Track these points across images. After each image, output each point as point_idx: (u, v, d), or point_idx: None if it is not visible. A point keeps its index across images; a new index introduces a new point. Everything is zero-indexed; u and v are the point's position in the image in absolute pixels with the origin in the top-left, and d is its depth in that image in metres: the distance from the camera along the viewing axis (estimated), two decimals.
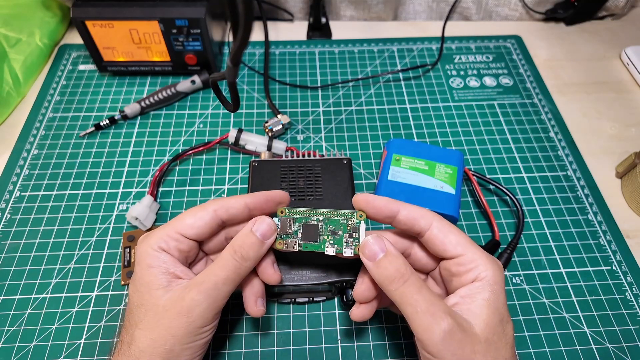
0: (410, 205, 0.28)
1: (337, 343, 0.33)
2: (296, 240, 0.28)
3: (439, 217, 0.27)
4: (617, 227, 0.40)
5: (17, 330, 0.33)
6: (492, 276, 0.25)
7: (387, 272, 0.26)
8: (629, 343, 0.34)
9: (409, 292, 0.25)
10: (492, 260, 0.26)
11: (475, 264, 0.26)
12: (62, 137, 0.45)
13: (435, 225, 0.27)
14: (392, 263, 0.26)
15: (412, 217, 0.27)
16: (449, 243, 0.26)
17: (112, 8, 0.44)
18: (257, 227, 0.27)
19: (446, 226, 0.27)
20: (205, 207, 0.28)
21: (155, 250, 0.27)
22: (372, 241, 0.27)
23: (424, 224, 0.27)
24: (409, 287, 0.25)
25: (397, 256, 0.26)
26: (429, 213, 0.28)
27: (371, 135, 0.46)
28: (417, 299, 0.24)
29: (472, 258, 0.26)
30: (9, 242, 0.38)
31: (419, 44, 0.56)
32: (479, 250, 0.26)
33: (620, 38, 0.57)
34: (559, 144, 0.46)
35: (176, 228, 0.27)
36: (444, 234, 0.27)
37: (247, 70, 0.52)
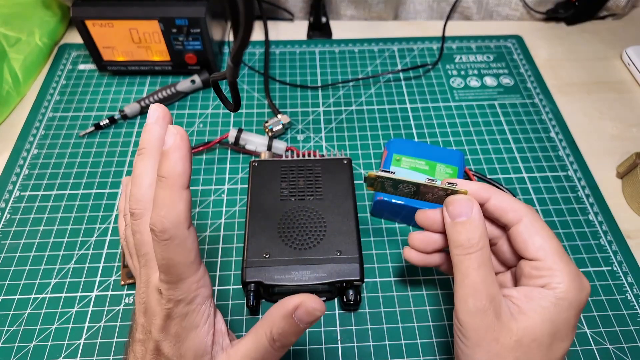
0: (504, 195, 0.27)
1: (337, 343, 0.33)
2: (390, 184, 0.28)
3: (533, 214, 0.26)
4: (617, 228, 0.40)
5: (17, 330, 0.33)
6: (564, 291, 0.24)
7: (459, 236, 0.25)
8: (630, 344, 0.34)
9: (467, 263, 0.25)
10: (576, 279, 0.24)
11: (551, 273, 0.24)
12: (61, 136, 0.45)
13: (524, 222, 0.26)
14: (469, 231, 0.25)
15: (501, 208, 0.26)
16: (531, 244, 0.25)
17: (112, 7, 0.44)
18: (300, 316, 0.23)
19: (536, 226, 0.26)
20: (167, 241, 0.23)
21: (201, 302, 0.24)
22: (463, 201, 0.26)
23: (512, 218, 0.26)
24: (470, 259, 0.25)
25: (477, 226, 0.25)
26: (524, 208, 0.26)
27: (371, 135, 0.46)
28: (470, 273, 0.24)
29: (550, 266, 0.24)
30: (9, 241, 0.38)
31: (420, 43, 0.56)
32: (562, 262, 0.25)
33: (621, 38, 0.57)
34: (559, 144, 0.46)
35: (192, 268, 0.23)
36: (529, 234, 0.25)
37: (247, 70, 0.52)
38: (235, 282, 0.36)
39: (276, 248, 0.33)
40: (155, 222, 0.22)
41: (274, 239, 0.34)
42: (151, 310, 0.24)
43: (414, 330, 0.34)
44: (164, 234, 0.22)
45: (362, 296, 0.35)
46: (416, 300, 0.35)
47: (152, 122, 0.25)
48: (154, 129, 0.25)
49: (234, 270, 0.37)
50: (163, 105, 0.25)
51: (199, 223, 0.39)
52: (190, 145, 0.23)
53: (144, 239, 0.24)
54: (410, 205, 0.37)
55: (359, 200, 0.41)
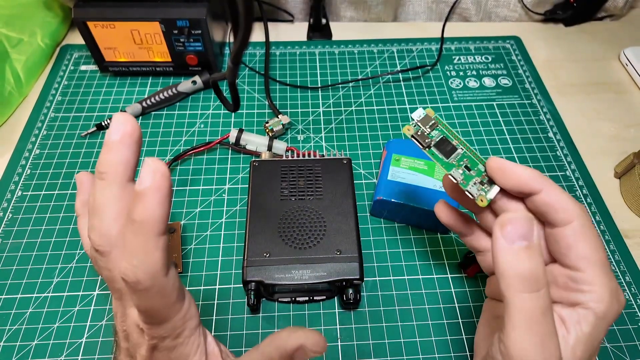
0: (557, 190, 0.23)
1: (337, 342, 0.34)
2: (428, 141, 0.26)
3: (585, 218, 0.23)
4: (615, 227, 0.40)
5: (19, 329, 0.34)
6: (604, 311, 0.21)
7: (519, 268, 0.20)
8: (628, 342, 0.34)
9: (530, 305, 0.20)
10: (614, 295, 0.22)
11: (591, 289, 0.21)
12: (63, 137, 0.46)
13: (573, 225, 0.22)
14: (532, 261, 0.20)
15: (551, 205, 0.22)
16: (575, 251, 0.22)
17: (113, 9, 0.44)
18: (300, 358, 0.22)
19: (586, 233, 0.22)
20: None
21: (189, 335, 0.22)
22: (523, 222, 0.20)
23: (561, 218, 0.22)
24: (533, 300, 0.20)
25: (539, 255, 0.20)
26: (577, 209, 0.22)
27: (371, 135, 0.47)
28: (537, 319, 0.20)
29: (590, 281, 0.21)
30: (11, 241, 0.38)
31: (419, 44, 0.56)
32: (606, 277, 0.22)
33: (619, 39, 0.57)
34: (557, 145, 0.46)
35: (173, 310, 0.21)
36: (576, 240, 0.22)
37: (248, 71, 0.52)
38: (235, 281, 0.36)
39: (276, 247, 0.34)
40: (127, 272, 0.19)
41: (274, 238, 0.34)
42: (134, 340, 0.22)
43: (413, 328, 0.34)
44: (138, 284, 0.19)
45: (362, 295, 0.36)
46: (415, 299, 0.36)
47: (115, 139, 0.20)
48: (119, 150, 0.20)
49: (235, 269, 0.37)
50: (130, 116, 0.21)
51: (200, 222, 0.40)
52: (171, 183, 0.19)
53: (114, 276, 0.21)
54: (410, 204, 0.37)
55: (358, 200, 0.41)
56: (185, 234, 0.39)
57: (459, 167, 0.26)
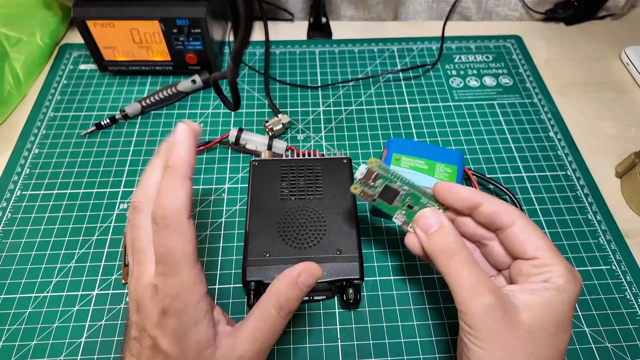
0: (495, 199, 0.27)
1: (337, 342, 0.33)
2: (372, 194, 0.29)
3: (524, 216, 0.27)
4: (616, 227, 0.40)
5: (18, 329, 0.34)
6: (564, 284, 0.24)
7: (437, 244, 0.26)
8: (629, 342, 0.34)
9: (455, 266, 0.25)
10: (571, 272, 0.25)
11: (550, 269, 0.25)
12: (63, 136, 0.46)
13: (518, 224, 0.26)
14: (444, 237, 0.26)
15: (495, 212, 0.27)
16: (529, 244, 0.26)
17: (112, 8, 0.44)
18: (303, 281, 0.26)
19: (530, 227, 0.26)
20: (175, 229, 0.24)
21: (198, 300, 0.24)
22: (428, 214, 0.27)
23: (506, 220, 0.26)
24: (456, 261, 0.25)
25: (449, 230, 0.26)
26: (513, 210, 0.27)
27: (371, 134, 0.46)
28: (462, 274, 0.25)
29: (549, 263, 0.25)
30: (10, 240, 0.38)
31: (419, 43, 0.56)
32: (559, 258, 0.25)
33: (620, 38, 0.57)
34: (558, 144, 0.46)
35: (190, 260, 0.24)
36: (525, 235, 0.26)
37: (248, 70, 0.52)
38: (235, 280, 0.36)
39: (276, 247, 0.33)
40: (156, 209, 0.23)
41: (274, 238, 0.34)
42: (144, 307, 0.24)
43: (413, 328, 0.34)
44: (165, 220, 0.23)
45: (362, 295, 0.35)
46: (415, 299, 0.36)
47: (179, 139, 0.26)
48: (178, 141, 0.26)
49: (235, 269, 0.37)
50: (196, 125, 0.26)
51: (200, 222, 0.40)
52: (196, 140, 0.25)
53: (140, 234, 0.25)
54: None
55: (358, 199, 0.41)
56: None
57: (402, 209, 0.29)
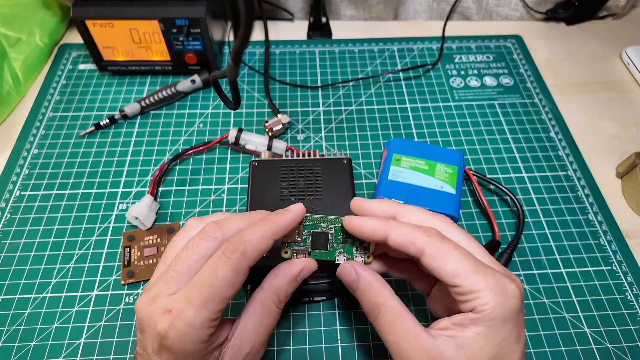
0: (402, 228, 0.25)
1: (337, 343, 0.33)
2: (305, 249, 0.27)
3: (434, 240, 0.24)
4: (617, 227, 0.40)
5: (17, 329, 0.33)
6: (492, 310, 0.22)
7: (362, 302, 0.26)
8: (629, 343, 0.34)
9: (380, 327, 0.25)
10: (498, 291, 0.23)
11: (474, 295, 0.23)
12: (62, 136, 0.45)
13: (426, 253, 0.24)
14: (363, 296, 0.26)
15: (401, 245, 0.24)
16: (444, 273, 0.23)
17: (112, 7, 0.44)
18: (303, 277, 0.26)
19: (442, 250, 0.24)
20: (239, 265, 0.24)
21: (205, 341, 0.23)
22: (344, 271, 0.26)
23: (414, 251, 0.24)
24: (381, 320, 0.25)
25: (368, 288, 0.25)
26: (423, 237, 0.24)
27: (371, 135, 0.46)
28: (387, 334, 0.24)
29: (471, 289, 0.23)
30: (9, 241, 0.38)
31: (420, 43, 0.56)
32: (483, 280, 0.23)
33: (620, 38, 0.57)
34: (559, 144, 0.46)
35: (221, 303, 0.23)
36: (438, 263, 0.23)
37: (247, 70, 0.52)
38: None
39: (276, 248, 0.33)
40: (233, 239, 0.24)
41: None
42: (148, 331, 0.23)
43: None
44: (235, 251, 0.23)
45: None
46: (416, 300, 0.35)
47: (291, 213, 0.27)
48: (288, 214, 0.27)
49: None
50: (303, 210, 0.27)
51: None
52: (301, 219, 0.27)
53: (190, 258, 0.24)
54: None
55: None
56: None
57: (339, 247, 0.27)
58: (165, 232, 0.38)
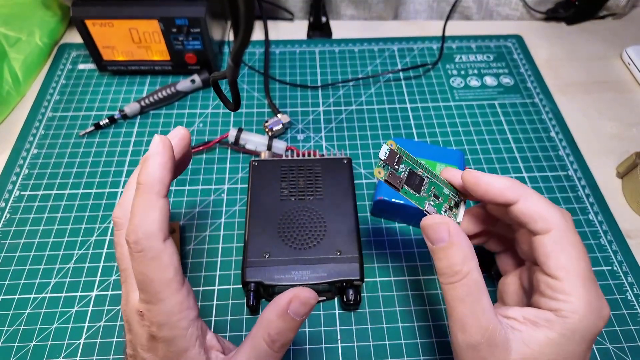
0: (536, 199, 0.23)
1: (337, 343, 0.33)
2: (400, 180, 0.26)
3: (566, 225, 0.23)
4: (618, 227, 0.40)
5: (17, 330, 0.33)
6: (577, 322, 0.21)
7: (440, 264, 0.24)
8: (630, 343, 0.34)
9: (452, 294, 0.23)
10: (594, 308, 0.21)
11: (566, 298, 0.21)
12: (61, 136, 0.45)
13: (551, 235, 0.22)
14: (448, 257, 0.23)
15: (528, 215, 0.23)
16: (554, 260, 0.22)
17: (111, 7, 0.44)
18: (295, 310, 0.23)
19: (565, 241, 0.22)
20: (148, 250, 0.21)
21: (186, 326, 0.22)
22: (437, 226, 0.24)
23: (539, 227, 0.23)
24: (455, 289, 0.23)
25: (457, 250, 0.23)
26: (556, 218, 0.23)
27: (371, 134, 0.46)
28: (457, 305, 0.23)
29: (568, 291, 0.21)
30: (8, 241, 0.38)
31: (420, 43, 0.56)
32: (584, 288, 0.21)
33: (621, 38, 0.57)
34: (559, 144, 0.46)
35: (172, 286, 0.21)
36: (554, 249, 0.22)
37: (247, 70, 0.52)
38: (235, 281, 0.36)
39: (276, 248, 0.33)
40: (128, 231, 0.21)
41: (274, 238, 0.34)
42: (134, 330, 0.23)
43: (414, 329, 0.34)
44: (137, 245, 0.21)
45: (362, 296, 0.35)
46: (416, 300, 0.35)
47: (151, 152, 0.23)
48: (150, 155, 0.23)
49: (234, 270, 0.37)
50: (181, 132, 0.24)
51: (199, 222, 0.39)
52: (172, 154, 0.22)
53: (123, 252, 0.23)
54: (410, 205, 0.37)
55: (359, 200, 0.41)
56: (184, 235, 0.39)
57: (429, 199, 0.27)
58: None
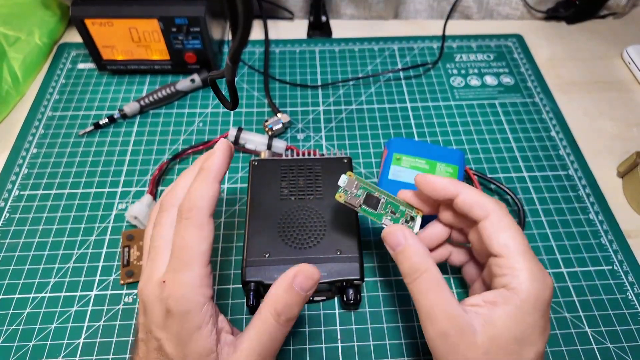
0: (473, 191, 0.27)
1: (337, 343, 0.33)
2: (358, 200, 0.30)
3: (501, 210, 0.26)
4: (618, 227, 0.40)
5: (16, 329, 0.33)
6: (526, 291, 0.23)
7: (401, 265, 0.27)
8: (630, 343, 0.34)
9: (416, 289, 0.26)
10: (537, 277, 0.24)
11: (513, 272, 0.24)
12: (61, 135, 0.45)
13: (490, 218, 0.26)
14: (407, 258, 0.26)
15: (469, 204, 0.26)
16: (496, 240, 0.25)
17: (111, 6, 0.44)
18: (300, 284, 0.25)
19: (503, 223, 0.25)
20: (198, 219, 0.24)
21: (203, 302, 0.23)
22: (395, 231, 0.27)
23: (479, 213, 0.26)
24: (418, 285, 0.25)
25: (412, 252, 0.26)
26: (492, 204, 0.26)
27: (372, 134, 0.46)
28: (421, 299, 0.25)
29: (512, 265, 0.24)
30: (8, 241, 0.38)
31: (420, 42, 0.56)
32: (525, 260, 0.24)
33: (621, 37, 0.57)
34: (560, 143, 0.46)
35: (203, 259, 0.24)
36: (495, 230, 0.25)
37: (247, 69, 0.52)
38: (235, 281, 0.36)
39: (276, 247, 0.33)
40: (184, 201, 0.25)
41: (274, 238, 0.34)
42: (150, 307, 0.24)
43: (414, 329, 0.34)
44: (189, 211, 0.24)
45: (362, 295, 0.35)
46: None
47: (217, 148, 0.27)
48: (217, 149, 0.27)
49: (234, 270, 0.37)
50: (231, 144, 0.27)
51: None
52: (230, 153, 0.27)
53: (161, 232, 0.25)
54: None
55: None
56: None
57: (386, 215, 0.31)
58: None
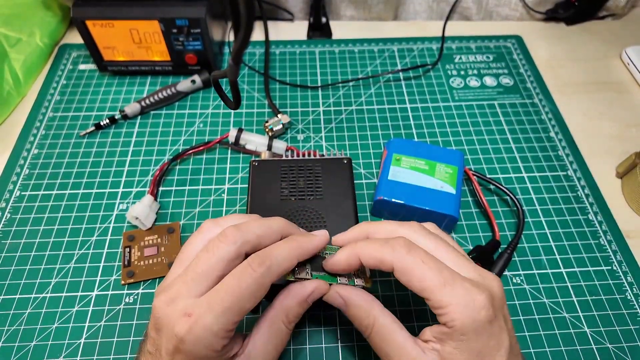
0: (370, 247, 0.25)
1: (337, 343, 0.33)
2: (307, 270, 0.27)
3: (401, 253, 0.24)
4: (617, 227, 0.40)
5: (17, 329, 0.33)
6: (460, 322, 0.22)
7: (354, 323, 0.27)
8: (629, 343, 0.34)
9: (373, 343, 0.26)
10: (465, 304, 0.23)
11: (443, 311, 0.23)
12: (62, 136, 0.45)
13: (396, 269, 0.24)
14: (353, 318, 0.26)
15: (372, 264, 0.25)
16: (413, 288, 0.24)
17: (112, 8, 0.44)
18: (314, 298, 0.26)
19: (409, 265, 0.24)
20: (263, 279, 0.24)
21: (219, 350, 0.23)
22: (330, 298, 0.27)
23: (386, 268, 0.25)
24: (373, 338, 0.26)
25: (355, 309, 0.26)
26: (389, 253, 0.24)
27: (371, 135, 0.46)
28: (378, 349, 0.26)
29: (439, 304, 0.23)
30: (9, 241, 0.38)
31: (419, 43, 0.56)
32: (448, 293, 0.23)
33: (620, 38, 0.57)
34: (559, 144, 0.46)
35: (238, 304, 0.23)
36: (407, 277, 0.24)
37: (248, 70, 0.52)
38: None
39: None
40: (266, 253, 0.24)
41: None
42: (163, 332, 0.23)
43: (414, 329, 0.34)
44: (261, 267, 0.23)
45: None
46: (416, 300, 0.35)
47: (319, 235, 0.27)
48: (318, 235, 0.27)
49: None
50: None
51: (199, 223, 0.39)
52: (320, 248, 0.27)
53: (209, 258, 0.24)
54: (410, 204, 0.37)
55: (359, 200, 0.41)
56: (185, 234, 0.39)
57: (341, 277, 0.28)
58: (165, 232, 0.38)
